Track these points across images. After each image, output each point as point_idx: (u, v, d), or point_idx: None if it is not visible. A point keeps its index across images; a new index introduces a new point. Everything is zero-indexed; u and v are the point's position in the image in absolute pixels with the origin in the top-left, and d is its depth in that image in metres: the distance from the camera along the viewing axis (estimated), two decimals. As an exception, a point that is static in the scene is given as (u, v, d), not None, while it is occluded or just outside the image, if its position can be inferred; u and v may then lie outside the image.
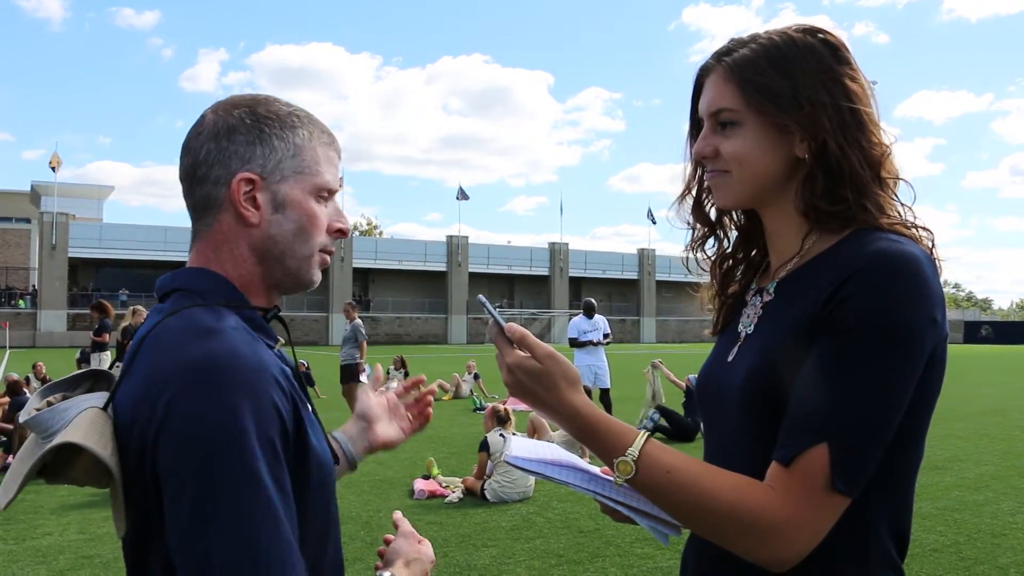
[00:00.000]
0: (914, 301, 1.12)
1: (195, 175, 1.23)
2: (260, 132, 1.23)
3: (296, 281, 1.28)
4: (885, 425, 1.12)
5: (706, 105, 1.31)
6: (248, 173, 1.21)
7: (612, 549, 5.91)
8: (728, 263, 1.47)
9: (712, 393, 1.37)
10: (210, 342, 1.09)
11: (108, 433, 1.09)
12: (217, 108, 1.26)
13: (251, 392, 1.06)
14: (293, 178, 1.24)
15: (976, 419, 13.54)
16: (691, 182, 1.43)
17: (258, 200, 1.22)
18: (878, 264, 1.13)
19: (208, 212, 1.24)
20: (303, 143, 1.26)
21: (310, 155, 1.26)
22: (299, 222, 1.25)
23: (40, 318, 49.76)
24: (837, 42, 1.28)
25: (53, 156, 50.84)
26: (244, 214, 1.22)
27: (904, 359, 1.11)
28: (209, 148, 1.22)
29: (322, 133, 1.30)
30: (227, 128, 1.22)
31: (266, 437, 1.05)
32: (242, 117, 1.23)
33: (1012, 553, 5.85)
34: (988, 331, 66.88)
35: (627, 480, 1.16)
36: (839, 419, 1.11)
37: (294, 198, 1.24)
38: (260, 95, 1.28)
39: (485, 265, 64.03)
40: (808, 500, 1.10)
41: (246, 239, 1.23)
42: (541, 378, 1.19)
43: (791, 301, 1.25)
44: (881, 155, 1.25)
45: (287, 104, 1.28)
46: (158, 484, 1.05)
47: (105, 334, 12.54)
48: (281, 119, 1.25)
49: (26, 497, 7.56)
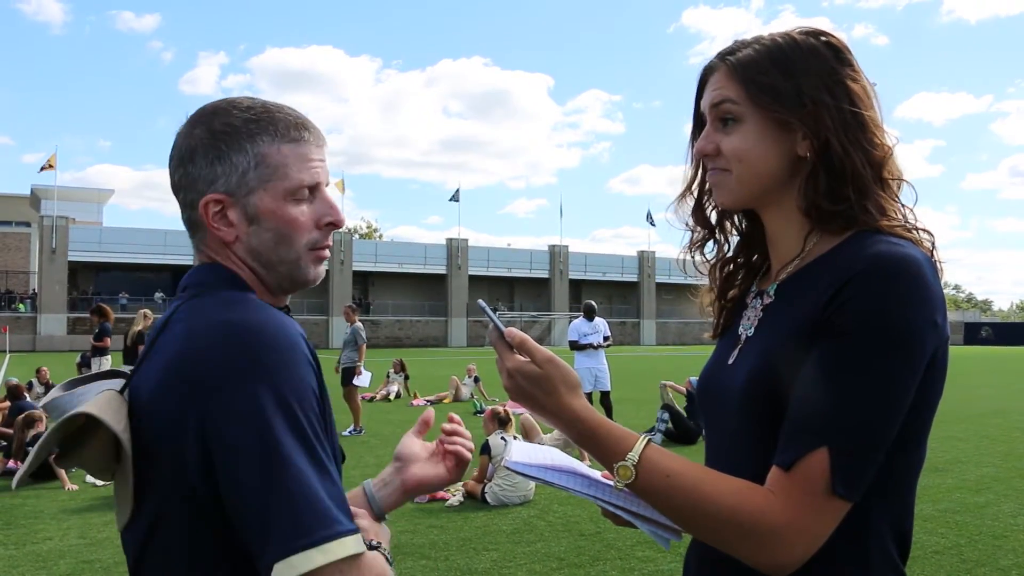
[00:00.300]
0: (914, 304, 1.12)
1: (177, 199, 1.27)
2: (218, 151, 1.22)
3: (292, 283, 1.29)
4: (886, 428, 1.12)
5: (708, 99, 1.32)
6: (213, 195, 1.22)
7: (613, 552, 5.90)
8: (728, 267, 1.47)
9: (713, 396, 1.37)
10: (244, 308, 1.14)
11: (123, 413, 1.13)
12: (184, 127, 1.27)
13: (291, 358, 1.10)
14: (261, 188, 1.23)
15: (977, 421, 13.53)
16: (692, 183, 1.43)
17: (230, 217, 1.24)
18: (878, 267, 1.13)
19: (195, 232, 1.28)
20: (264, 150, 1.23)
21: (275, 159, 1.24)
22: (276, 230, 1.25)
23: (40, 322, 49.76)
24: (840, 44, 1.28)
25: (51, 158, 50.73)
26: (218, 235, 1.24)
27: (904, 362, 1.11)
28: (180, 174, 1.25)
29: (288, 129, 1.25)
30: (189, 152, 1.24)
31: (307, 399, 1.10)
32: (201, 137, 1.23)
33: (1013, 555, 5.84)
34: (988, 332, 66.88)
35: (627, 484, 1.16)
36: (839, 423, 1.11)
37: (266, 207, 1.24)
38: (221, 102, 1.27)
39: (485, 268, 64.03)
40: (808, 504, 1.10)
41: (232, 253, 1.26)
42: (541, 383, 1.20)
43: (791, 303, 1.25)
44: (883, 156, 1.25)
45: (247, 108, 1.25)
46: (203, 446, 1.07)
47: (106, 338, 12.46)
48: (237, 130, 1.23)
49: (27, 502, 7.57)
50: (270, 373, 1.07)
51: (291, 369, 1.09)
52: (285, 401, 1.07)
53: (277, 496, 1.03)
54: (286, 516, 1.02)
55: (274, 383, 1.07)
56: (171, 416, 1.09)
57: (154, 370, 1.14)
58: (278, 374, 1.08)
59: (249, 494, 1.04)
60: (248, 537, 1.05)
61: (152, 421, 1.12)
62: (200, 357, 1.09)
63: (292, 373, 1.09)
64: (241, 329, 1.10)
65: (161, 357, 1.15)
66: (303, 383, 1.10)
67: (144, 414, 1.13)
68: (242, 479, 1.04)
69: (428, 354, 43.61)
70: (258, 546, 1.03)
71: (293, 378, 1.09)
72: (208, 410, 1.06)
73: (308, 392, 1.11)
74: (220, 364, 1.08)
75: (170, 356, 1.13)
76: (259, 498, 1.03)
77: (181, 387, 1.09)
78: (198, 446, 1.07)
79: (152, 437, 1.11)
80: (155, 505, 1.13)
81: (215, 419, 1.06)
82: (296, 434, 1.06)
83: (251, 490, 1.03)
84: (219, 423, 1.06)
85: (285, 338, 1.11)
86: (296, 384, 1.09)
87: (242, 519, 1.05)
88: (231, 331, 1.10)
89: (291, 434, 1.06)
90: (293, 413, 1.07)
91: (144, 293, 51.61)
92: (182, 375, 1.10)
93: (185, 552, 1.12)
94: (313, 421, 1.10)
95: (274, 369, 1.08)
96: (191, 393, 1.08)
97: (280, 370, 1.08)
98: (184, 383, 1.09)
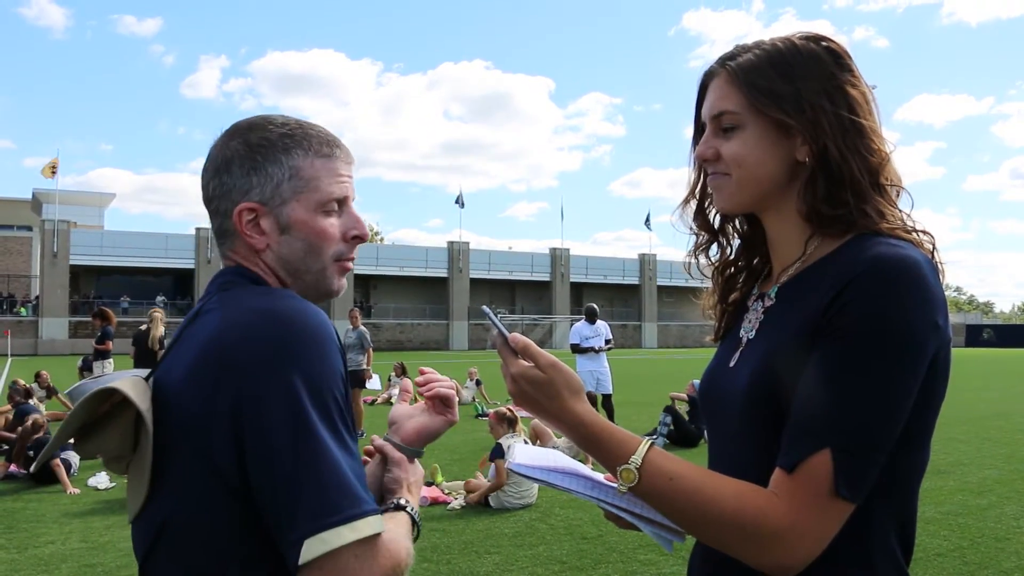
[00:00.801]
0: (915, 305, 1.12)
1: (209, 208, 1.32)
2: (254, 161, 1.28)
3: (316, 292, 1.34)
4: (888, 430, 1.12)
5: (709, 109, 1.33)
6: (248, 203, 1.27)
7: (615, 555, 5.90)
8: (730, 270, 1.48)
9: (715, 398, 1.38)
10: (278, 298, 1.19)
11: (147, 396, 1.17)
12: (220, 140, 1.32)
13: (323, 345, 1.15)
14: (294, 199, 1.28)
15: (979, 423, 13.52)
16: (694, 188, 1.44)
17: (262, 226, 1.28)
18: (879, 269, 1.13)
19: (225, 239, 1.32)
20: (298, 163, 1.29)
21: (308, 172, 1.29)
22: (307, 240, 1.29)
23: (41, 326, 49.76)
24: (840, 50, 1.29)
25: (52, 163, 50.76)
26: (250, 243, 1.28)
27: (906, 364, 1.12)
28: (214, 184, 1.30)
29: (321, 145, 1.32)
30: (225, 162, 1.29)
31: (338, 385, 1.15)
32: (237, 149, 1.29)
33: (1016, 557, 5.83)
34: (990, 334, 66.84)
35: (630, 488, 1.17)
36: (842, 425, 1.11)
37: (298, 218, 1.29)
38: (257, 118, 1.33)
39: (486, 271, 63.99)
40: (812, 506, 1.11)
41: (262, 261, 1.30)
42: (544, 387, 1.21)
43: (792, 306, 1.26)
44: (880, 163, 1.26)
45: (281, 124, 1.31)
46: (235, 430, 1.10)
47: (108, 341, 12.45)
48: (273, 144, 1.29)
49: (28, 505, 7.57)
50: (303, 359, 1.12)
51: (323, 355, 1.14)
52: (316, 386, 1.12)
53: (308, 475, 1.07)
54: (317, 494, 1.07)
55: (307, 368, 1.12)
56: (202, 399, 1.13)
57: (185, 357, 1.18)
58: (310, 360, 1.12)
59: (281, 473, 1.07)
60: (276, 515, 1.08)
61: (181, 404, 1.15)
62: (235, 342, 1.13)
63: (324, 359, 1.14)
64: (275, 316, 1.14)
65: (193, 343, 1.19)
66: (333, 369, 1.15)
67: (172, 397, 1.16)
68: (275, 459, 1.08)
69: (429, 357, 43.60)
70: (287, 523, 1.07)
71: (324, 364, 1.14)
72: (242, 393, 1.10)
73: (337, 377, 1.16)
74: (255, 349, 1.12)
75: (203, 342, 1.17)
76: (291, 477, 1.07)
77: (215, 371, 1.13)
78: (230, 428, 1.10)
79: (179, 420, 1.15)
80: (175, 489, 1.15)
81: (250, 401, 1.10)
82: (325, 417, 1.11)
83: (283, 469, 1.07)
84: (254, 405, 1.10)
85: (317, 325, 1.15)
86: (327, 370, 1.14)
87: (272, 498, 1.09)
88: (267, 318, 1.14)
89: (321, 417, 1.11)
90: (323, 397, 1.12)
91: (145, 297, 51.57)
92: (218, 359, 1.13)
93: (206, 535, 1.14)
94: (341, 404, 1.15)
95: (307, 355, 1.12)
96: (225, 377, 1.12)
97: (312, 356, 1.13)
98: (219, 367, 1.13)
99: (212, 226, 1.34)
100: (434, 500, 7.61)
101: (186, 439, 1.14)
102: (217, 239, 1.34)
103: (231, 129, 1.32)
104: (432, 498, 7.62)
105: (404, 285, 62.87)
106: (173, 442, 1.15)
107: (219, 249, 1.36)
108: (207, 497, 1.13)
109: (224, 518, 1.13)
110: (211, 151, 1.32)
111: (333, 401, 1.13)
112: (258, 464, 1.09)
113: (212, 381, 1.12)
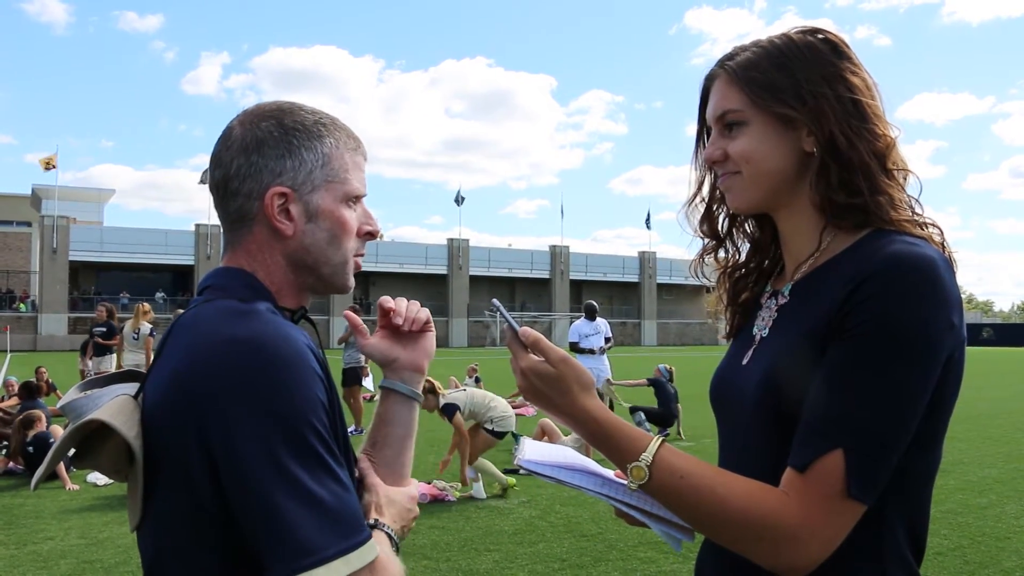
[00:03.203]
0: (931, 305, 1.11)
1: (227, 188, 1.25)
2: (289, 144, 1.25)
3: (331, 286, 1.32)
4: (901, 431, 1.11)
5: (712, 110, 1.33)
6: (280, 187, 1.24)
7: (615, 553, 5.89)
8: (739, 273, 1.47)
9: (727, 396, 1.37)
10: (250, 321, 1.13)
11: (135, 419, 1.14)
12: (244, 120, 1.27)
13: (295, 372, 1.09)
14: (323, 187, 1.26)
15: (979, 422, 13.52)
16: (699, 192, 1.44)
17: (291, 212, 1.25)
18: (894, 267, 1.12)
19: (243, 224, 1.26)
20: (331, 151, 1.28)
21: (338, 163, 1.28)
22: (332, 230, 1.27)
23: (41, 322, 49.77)
24: (837, 39, 1.29)
25: (48, 158, 50.71)
26: (279, 227, 1.24)
27: (920, 364, 1.10)
28: (240, 162, 1.24)
29: (348, 139, 1.32)
30: (256, 142, 1.24)
31: (314, 411, 1.09)
32: (270, 130, 1.25)
33: (1017, 556, 5.83)
34: (990, 333, 66.84)
35: (641, 485, 1.16)
36: (854, 425, 1.10)
37: (326, 207, 1.27)
38: (284, 103, 1.29)
39: (486, 268, 64.02)
40: (823, 506, 1.10)
41: (280, 248, 1.26)
42: (555, 382, 1.19)
43: (806, 304, 1.25)
44: (887, 147, 1.25)
45: (312, 112, 1.29)
46: (209, 458, 1.07)
47: (116, 336, 12.51)
48: (308, 129, 1.26)
49: (27, 501, 7.57)
50: (273, 392, 1.06)
51: (295, 383, 1.08)
52: (289, 419, 1.06)
53: (280, 516, 1.03)
54: (289, 537, 1.02)
55: (275, 398, 1.06)
56: (174, 428, 1.10)
57: (161, 378, 1.15)
58: (279, 389, 1.07)
59: (254, 516, 1.04)
60: (258, 550, 1.05)
61: (157, 430, 1.12)
62: (201, 373, 1.09)
63: (296, 387, 1.08)
64: (243, 345, 1.09)
65: (167, 365, 1.15)
66: (308, 396, 1.09)
67: (154, 421, 1.13)
68: (248, 500, 1.04)
69: (429, 354, 43.52)
70: (267, 565, 1.04)
71: (297, 392, 1.08)
72: (209, 425, 1.06)
73: (314, 406, 1.10)
74: (223, 385, 1.07)
75: (174, 367, 1.13)
76: (265, 518, 1.03)
77: (182, 400, 1.09)
78: (207, 466, 1.07)
79: (157, 445, 1.12)
80: (164, 508, 1.14)
81: (220, 440, 1.06)
82: (300, 451, 1.06)
83: (256, 512, 1.04)
84: (224, 444, 1.05)
85: (289, 352, 1.10)
86: (300, 400, 1.08)
87: (251, 533, 1.05)
88: (235, 348, 1.09)
89: (295, 452, 1.05)
90: (298, 430, 1.06)
91: (145, 292, 51.52)
92: (184, 389, 1.10)
93: (197, 568, 1.12)
94: (321, 432, 1.09)
95: (277, 388, 1.07)
96: (192, 408, 1.08)
97: (282, 385, 1.07)
98: (185, 397, 1.09)
99: (227, 208, 1.27)
100: (433, 497, 7.60)
101: (170, 468, 1.11)
102: (230, 223, 1.28)
103: (255, 111, 1.28)
104: (432, 495, 7.61)
105: (404, 282, 62.88)
106: (159, 467, 1.12)
107: (226, 236, 1.30)
108: (195, 529, 1.10)
109: (213, 552, 1.11)
110: (234, 131, 1.26)
111: (311, 430, 1.07)
112: (234, 504, 1.06)
113: (183, 415, 1.09)
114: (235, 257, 1.27)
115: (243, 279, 1.24)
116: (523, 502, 7.53)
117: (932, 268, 1.12)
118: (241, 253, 1.27)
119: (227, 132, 1.27)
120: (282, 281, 1.27)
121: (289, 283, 1.28)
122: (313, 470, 1.06)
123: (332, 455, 1.09)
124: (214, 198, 1.29)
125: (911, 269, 1.12)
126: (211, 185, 1.29)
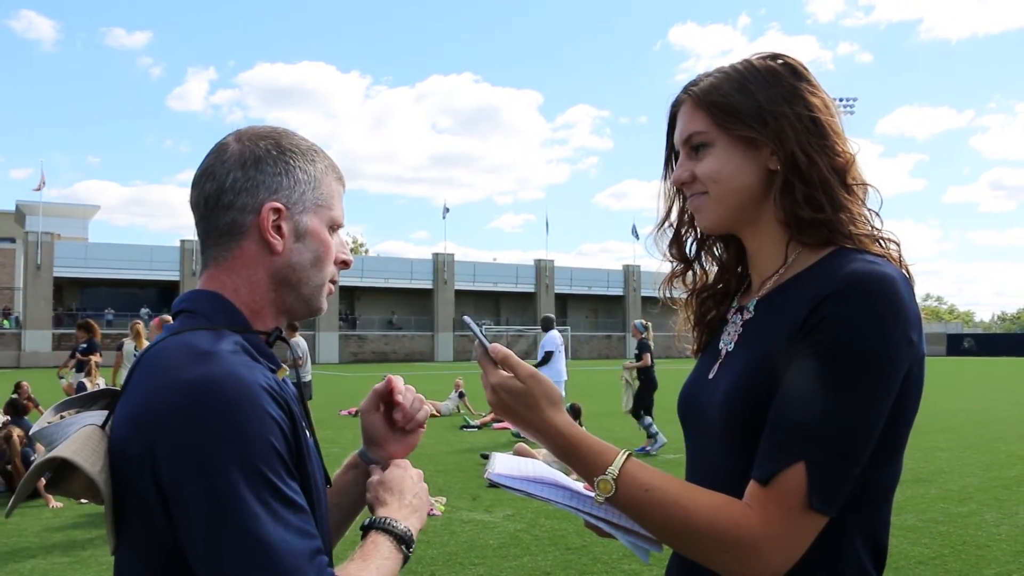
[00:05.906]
0: (890, 321, 1.14)
1: (220, 201, 1.26)
2: (286, 164, 1.29)
3: (308, 307, 1.33)
4: (861, 444, 1.14)
5: (679, 134, 1.38)
6: (275, 203, 1.26)
7: (599, 566, 5.90)
8: (705, 294, 1.51)
9: (693, 410, 1.40)
10: (205, 365, 1.12)
11: (102, 451, 1.14)
12: (240, 137, 1.30)
13: (249, 415, 1.09)
14: (313, 209, 1.31)
15: (959, 431, 13.62)
16: (667, 216, 1.48)
17: (283, 229, 1.27)
18: (855, 285, 1.16)
19: (231, 238, 1.27)
20: (321, 177, 1.33)
21: (326, 189, 1.33)
22: (316, 252, 1.31)
23: (25, 338, 49.30)
24: (796, 63, 1.34)
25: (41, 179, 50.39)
26: (271, 242, 1.26)
27: (880, 379, 1.14)
28: (236, 176, 1.26)
29: (334, 169, 1.37)
30: (254, 158, 1.27)
31: (262, 454, 1.09)
32: (268, 149, 1.29)
33: (996, 564, 5.88)
34: (970, 343, 67.22)
35: (607, 498, 1.19)
36: (816, 438, 1.13)
37: (313, 228, 1.30)
38: (279, 128, 1.34)
39: (471, 282, 63.89)
40: (785, 519, 1.13)
41: (266, 265, 1.28)
42: (523, 397, 1.23)
43: (771, 319, 1.28)
44: (846, 162, 1.30)
45: (304, 139, 1.35)
46: (163, 497, 1.08)
47: (95, 353, 12.31)
48: (303, 152, 1.32)
49: (9, 520, 7.46)
50: (218, 431, 1.07)
51: (248, 426, 1.09)
52: (240, 459, 1.07)
53: (214, 552, 1.05)
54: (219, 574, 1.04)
55: (222, 439, 1.07)
56: (133, 463, 1.11)
57: (124, 415, 1.15)
58: (232, 434, 1.08)
59: (202, 555, 1.05)
60: None
61: (120, 464, 1.13)
62: (155, 414, 1.10)
63: (248, 431, 1.09)
64: (195, 387, 1.09)
65: (129, 402, 1.15)
66: (259, 439, 1.09)
67: (115, 456, 1.14)
68: (195, 538, 1.06)
69: (415, 368, 43.45)
70: None
71: (248, 436, 1.08)
72: (159, 463, 1.08)
73: (265, 448, 1.10)
74: (172, 421, 1.08)
75: (134, 405, 1.14)
76: (211, 560, 1.05)
77: (139, 440, 1.10)
78: (158, 494, 1.08)
79: (123, 478, 1.13)
80: (133, 537, 1.15)
81: (167, 473, 1.07)
82: (240, 489, 1.06)
83: (204, 551, 1.05)
84: (170, 478, 1.07)
85: (240, 394, 1.10)
86: (251, 442, 1.08)
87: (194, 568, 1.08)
88: (186, 390, 1.09)
89: (233, 489, 1.05)
90: (239, 468, 1.06)
91: (130, 308, 51.15)
92: (139, 428, 1.11)
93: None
94: (265, 473, 1.09)
95: (222, 427, 1.07)
96: (146, 447, 1.09)
97: (235, 429, 1.08)
98: (140, 436, 1.10)
99: (216, 221, 1.27)
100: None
101: (133, 500, 1.12)
102: (217, 237, 1.28)
103: (252, 131, 1.31)
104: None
105: (389, 296, 62.74)
106: (125, 499, 1.13)
107: (208, 252, 1.30)
108: (157, 562, 1.12)
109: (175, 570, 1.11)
110: (230, 147, 1.28)
111: (253, 472, 1.07)
112: (184, 541, 1.07)
113: (136, 450, 1.10)
114: (216, 275, 1.27)
115: (217, 304, 1.25)
116: (508, 515, 7.53)
117: (892, 286, 1.16)
118: (224, 270, 1.27)
119: (221, 147, 1.29)
120: (262, 300, 1.28)
121: (268, 302, 1.28)
122: (250, 509, 1.05)
123: (276, 495, 1.09)
124: (198, 212, 1.28)
125: (871, 287, 1.15)
126: (197, 199, 1.28)
